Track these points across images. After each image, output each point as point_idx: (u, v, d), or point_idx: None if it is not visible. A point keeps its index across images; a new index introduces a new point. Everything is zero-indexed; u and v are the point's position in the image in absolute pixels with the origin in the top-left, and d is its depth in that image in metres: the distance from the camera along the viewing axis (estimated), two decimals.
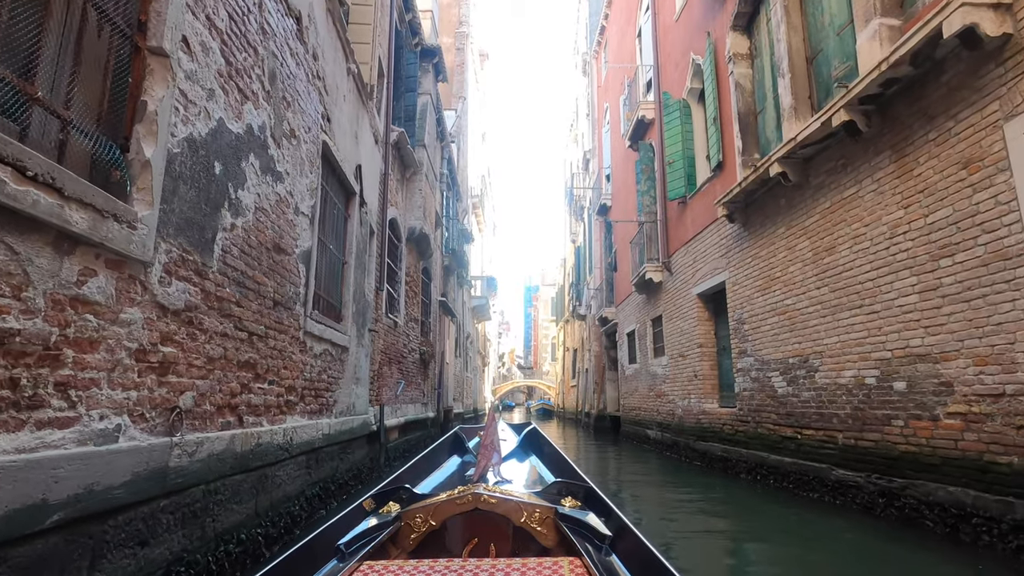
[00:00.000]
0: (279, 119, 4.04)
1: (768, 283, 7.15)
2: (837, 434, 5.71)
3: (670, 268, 11.01)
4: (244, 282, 3.50)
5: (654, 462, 10.10)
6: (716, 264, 8.77)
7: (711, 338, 9.47)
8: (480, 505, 2.03)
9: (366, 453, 7.29)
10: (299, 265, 4.55)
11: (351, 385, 6.43)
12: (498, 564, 1.71)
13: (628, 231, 14.73)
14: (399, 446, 9.52)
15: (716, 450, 8.58)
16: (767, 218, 7.18)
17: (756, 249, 7.46)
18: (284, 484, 4.19)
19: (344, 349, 6.05)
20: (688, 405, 9.96)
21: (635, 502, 6.36)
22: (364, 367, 7.20)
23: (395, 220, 9.61)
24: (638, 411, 13.84)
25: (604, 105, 19.42)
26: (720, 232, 8.60)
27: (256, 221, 3.68)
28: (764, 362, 7.23)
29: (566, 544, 1.96)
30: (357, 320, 6.72)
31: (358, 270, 6.75)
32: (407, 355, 10.44)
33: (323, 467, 5.28)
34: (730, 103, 8.32)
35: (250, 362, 3.61)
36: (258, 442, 3.65)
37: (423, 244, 11.62)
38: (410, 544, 2.04)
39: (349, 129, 6.16)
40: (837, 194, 5.76)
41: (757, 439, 7.35)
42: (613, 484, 7.79)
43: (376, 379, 8.11)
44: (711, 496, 6.62)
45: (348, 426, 6.17)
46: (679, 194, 10.04)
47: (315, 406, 5.05)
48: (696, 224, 9.59)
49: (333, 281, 5.93)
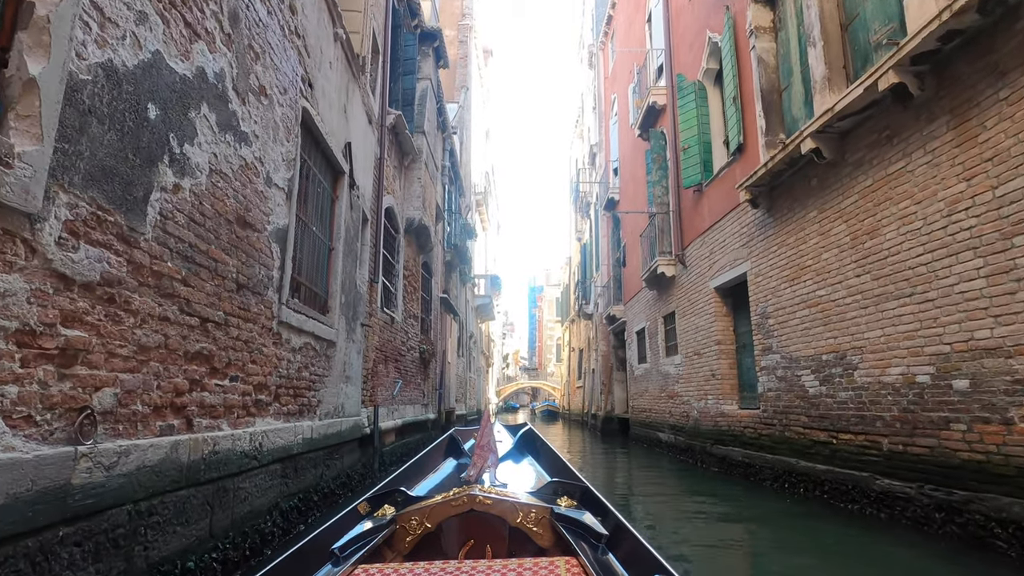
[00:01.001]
0: (244, 71, 3.46)
1: (797, 273, 6.52)
2: (881, 439, 5.08)
3: (684, 261, 10.39)
4: (194, 257, 2.91)
5: (667, 467, 9.47)
6: (736, 255, 8.15)
7: (730, 335, 8.84)
8: (476, 506, 2.01)
9: (358, 458, 6.71)
10: (272, 244, 3.97)
11: (339, 384, 5.85)
12: (494, 565, 1.67)
13: (637, 225, 14.11)
14: (396, 450, 8.93)
15: (736, 455, 7.95)
16: (795, 201, 6.55)
17: (783, 236, 6.83)
18: (251, 497, 3.60)
19: (330, 344, 5.46)
20: (704, 407, 9.33)
21: (649, 512, 5.75)
22: (356, 365, 6.62)
23: (392, 209, 9.03)
24: (648, 413, 13.21)
25: (611, 96, 18.81)
26: (741, 219, 7.97)
27: (212, 186, 3.09)
28: (792, 359, 6.61)
29: (562, 544, 1.93)
30: (346, 313, 6.13)
31: (347, 258, 6.17)
32: (405, 353, 9.86)
33: (304, 475, 4.69)
34: (751, 81, 7.70)
35: (204, 354, 3.03)
36: (214, 449, 3.06)
37: (423, 237, 11.04)
38: (405, 547, 2.00)
39: (336, 101, 5.58)
40: (880, 170, 5.14)
41: (784, 444, 6.72)
42: (623, 492, 7.17)
43: (370, 378, 7.53)
44: (734, 506, 5.99)
45: (335, 429, 5.58)
46: (694, 181, 9.42)
47: (294, 407, 4.46)
48: (713, 212, 8.97)
49: (317, 268, 5.35)
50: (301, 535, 4.03)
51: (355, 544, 1.91)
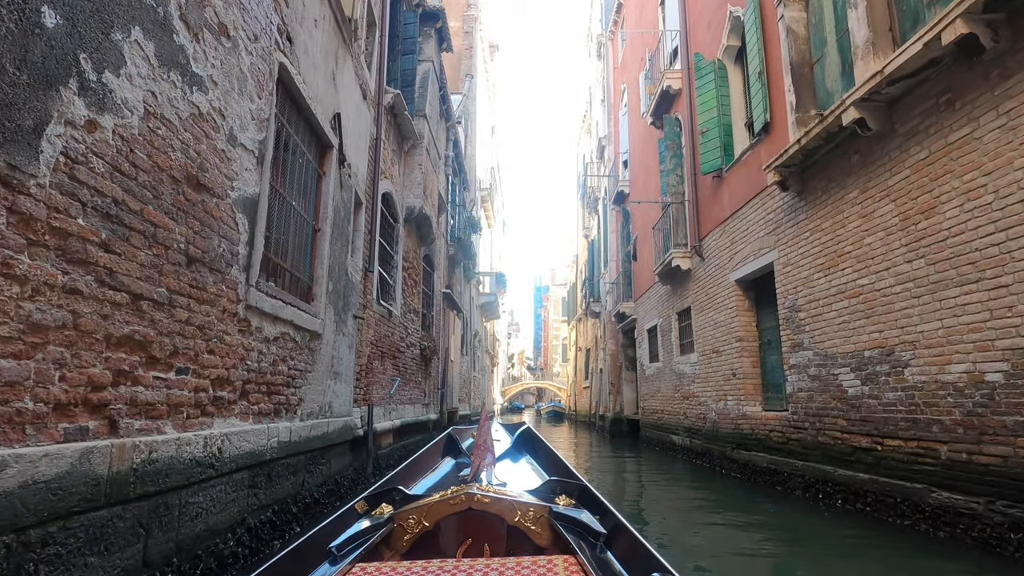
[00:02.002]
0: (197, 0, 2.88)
1: (834, 260, 5.89)
2: (939, 446, 4.45)
3: (701, 253, 9.75)
4: (122, 217, 2.33)
5: (683, 473, 8.84)
6: (761, 243, 7.52)
7: (752, 331, 8.21)
8: (474, 505, 1.99)
9: (348, 462, 6.12)
10: (237, 215, 3.38)
11: (326, 381, 5.27)
12: (492, 564, 1.66)
13: (649, 218, 13.49)
14: (393, 452, 8.34)
15: (760, 461, 7.32)
16: (832, 182, 5.92)
17: (817, 221, 6.20)
18: (206, 513, 3.01)
19: (314, 335, 4.88)
20: (724, 408, 8.70)
21: (667, 524, 5.13)
22: (346, 360, 6.04)
23: (390, 196, 8.45)
24: (661, 414, 12.57)
25: (621, 87, 18.19)
26: (767, 205, 7.34)
27: (149, 132, 2.51)
28: (827, 356, 5.97)
29: (561, 543, 1.92)
30: (335, 302, 5.55)
31: (337, 242, 5.59)
32: (404, 350, 9.27)
33: (280, 484, 4.10)
34: (779, 54, 7.08)
35: (137, 339, 2.44)
36: (150, 457, 2.48)
37: (424, 227, 10.45)
38: (403, 546, 1.99)
39: (323, 65, 5.00)
40: (939, 139, 4.51)
41: (817, 449, 6.09)
42: (634, 500, 6.56)
43: (364, 375, 6.95)
44: (764, 518, 5.37)
45: (320, 431, 5.00)
46: (714, 167, 8.79)
47: (267, 406, 3.88)
48: (735, 199, 8.34)
49: (300, 250, 4.77)
50: (296, 536, 3.79)
51: (353, 543, 1.90)
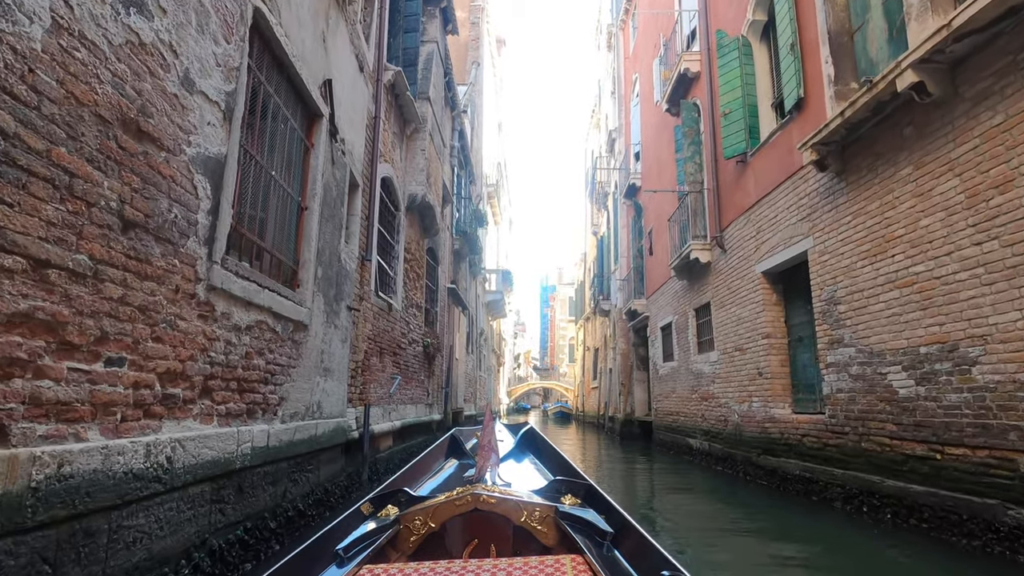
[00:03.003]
0: None
1: (881, 246, 5.27)
2: (1016, 456, 3.84)
3: (722, 244, 9.13)
4: (12, 154, 1.77)
5: (702, 479, 8.23)
6: (792, 231, 6.90)
7: (780, 327, 7.59)
8: (479, 506, 1.98)
9: (341, 468, 5.56)
10: (195, 175, 2.82)
11: (314, 377, 4.71)
12: (499, 564, 1.64)
13: (663, 211, 12.87)
14: (393, 456, 7.78)
15: (791, 468, 6.70)
16: (879, 158, 5.31)
17: (861, 203, 5.58)
18: (149, 538, 2.45)
19: (300, 326, 4.32)
20: (748, 410, 8.08)
21: (688, 538, 4.53)
22: (339, 355, 5.48)
23: (390, 181, 7.90)
24: (676, 416, 11.95)
25: (633, 76, 17.57)
26: (800, 189, 6.72)
27: (61, 51, 1.95)
28: (873, 353, 5.36)
29: (567, 542, 1.90)
30: (326, 291, 5.00)
31: (328, 223, 5.03)
32: (406, 346, 8.71)
33: (254, 496, 3.54)
34: (814, 23, 6.47)
35: (41, 318, 1.89)
36: (59, 472, 1.92)
37: (427, 217, 9.89)
38: (409, 547, 1.97)
39: (311, 24, 4.44)
40: (1018, 101, 3.89)
41: (860, 456, 5.48)
42: (650, 509, 5.96)
43: (361, 372, 6.39)
44: (800, 532, 4.76)
45: (307, 433, 4.44)
46: (737, 151, 8.18)
47: (237, 405, 3.32)
48: (762, 184, 7.72)
49: (283, 228, 4.21)
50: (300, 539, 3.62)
51: (359, 545, 1.88)
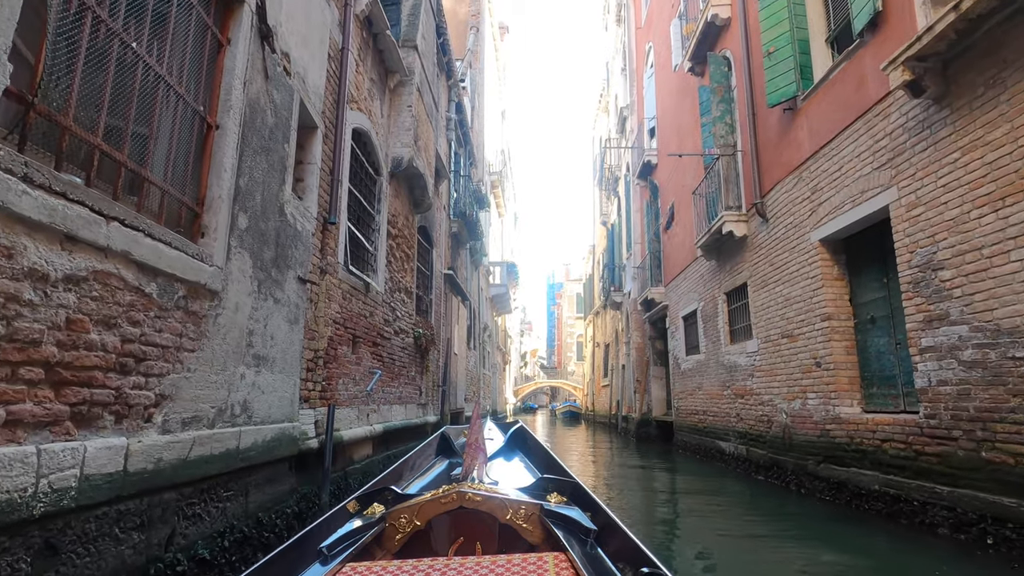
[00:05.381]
0: None
1: (1008, 187, 3.88)
2: None
3: (763, 212, 7.73)
4: None
5: (740, 491, 6.84)
6: (865, 183, 5.50)
7: (844, 306, 6.19)
8: (465, 504, 1.98)
9: (289, 489, 4.22)
10: None
11: (234, 367, 3.37)
12: (483, 562, 1.65)
13: (685, 184, 11.48)
14: (372, 466, 6.43)
15: (867, 481, 5.31)
16: (1008, 65, 3.91)
17: (977, 131, 4.18)
18: None
19: (202, 291, 2.98)
20: (801, 408, 6.68)
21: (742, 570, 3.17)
22: (284, 339, 4.15)
23: (367, 135, 6.56)
24: (702, 416, 10.56)
25: (646, 46, 16.17)
26: (877, 129, 5.32)
27: None
28: (1001, 332, 3.96)
29: (552, 540, 1.89)
30: (256, 248, 3.66)
31: (259, 159, 3.70)
32: (391, 336, 7.38)
33: (87, 557, 2.20)
34: None
35: None
36: None
37: (416, 188, 8.54)
38: (395, 545, 1.96)
39: None
40: None
41: (979, 470, 4.08)
42: (677, 529, 4.58)
43: (323, 364, 5.06)
44: (897, 568, 3.38)
45: (218, 447, 3.10)
46: (786, 95, 6.78)
47: (39, 408, 1.98)
48: (819, 133, 6.32)
49: (168, 146, 2.87)
50: None
51: (344, 542, 1.86)
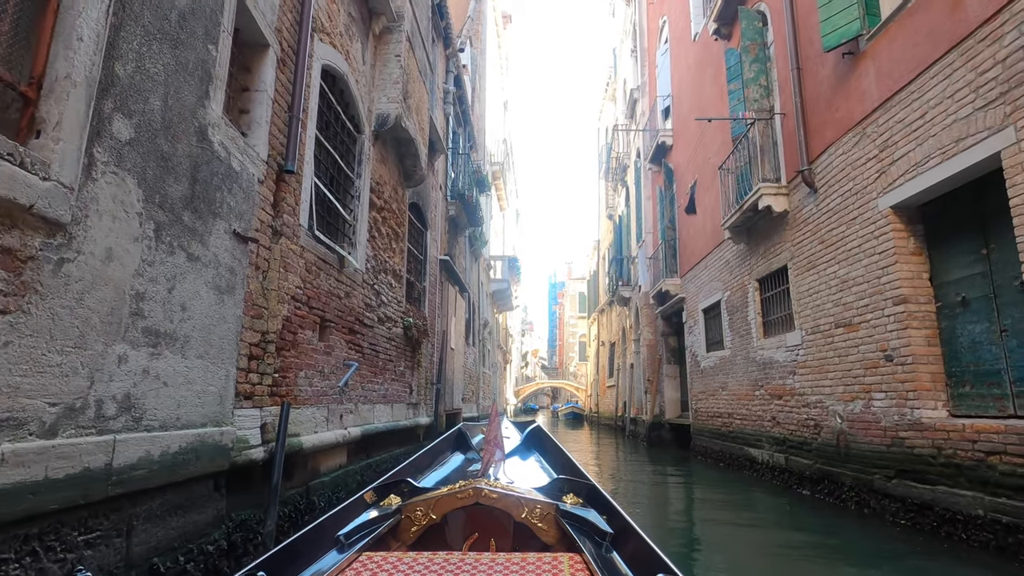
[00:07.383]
0: None
1: None
2: None
3: (811, 181, 6.60)
4: None
5: (776, 510, 5.70)
6: (964, 128, 4.37)
7: (924, 286, 5.07)
8: (481, 500, 1.98)
9: (214, 517, 3.10)
10: None
11: (109, 345, 2.26)
12: (498, 558, 1.65)
13: (708, 162, 10.36)
14: (347, 478, 5.29)
15: (968, 504, 4.18)
16: None
17: None
18: None
19: (29, 219, 1.87)
20: (862, 411, 5.56)
21: None
22: (207, 313, 3.04)
23: (343, 79, 5.45)
24: (727, 419, 9.43)
25: (660, 21, 15.05)
26: (983, 57, 4.18)
27: None
28: None
29: (567, 541, 1.90)
30: (152, 175, 2.55)
31: (158, 45, 2.59)
32: (373, 324, 6.26)
33: None
34: None
35: None
36: None
37: (407, 155, 7.43)
38: (410, 537, 1.98)
39: None
40: None
41: None
42: (708, 557, 3.48)
43: (274, 349, 3.95)
44: None
45: (62, 469, 1.98)
46: (847, 35, 5.65)
47: None
48: (893, 76, 5.19)
49: None
50: None
51: (360, 531, 1.88)
